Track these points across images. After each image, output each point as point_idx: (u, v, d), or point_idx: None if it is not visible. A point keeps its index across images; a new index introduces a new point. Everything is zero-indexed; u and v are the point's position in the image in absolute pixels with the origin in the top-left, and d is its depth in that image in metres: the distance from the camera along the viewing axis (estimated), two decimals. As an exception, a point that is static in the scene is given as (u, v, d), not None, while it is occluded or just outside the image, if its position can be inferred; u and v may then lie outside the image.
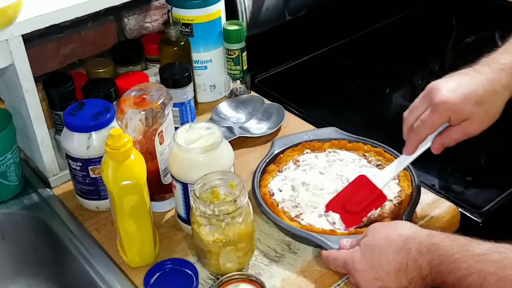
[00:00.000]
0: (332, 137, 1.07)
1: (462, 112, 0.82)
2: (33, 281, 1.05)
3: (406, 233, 0.74)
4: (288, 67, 1.41)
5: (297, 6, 1.39)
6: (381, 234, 0.77)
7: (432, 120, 0.84)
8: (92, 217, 1.00)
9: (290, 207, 0.95)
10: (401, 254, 0.72)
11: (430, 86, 0.85)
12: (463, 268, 0.66)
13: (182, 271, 0.86)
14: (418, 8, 1.59)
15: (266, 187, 0.99)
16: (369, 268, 0.76)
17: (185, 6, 1.16)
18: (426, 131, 0.86)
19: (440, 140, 0.87)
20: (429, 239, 0.71)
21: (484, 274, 0.64)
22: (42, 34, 1.11)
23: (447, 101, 0.82)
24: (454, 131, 0.85)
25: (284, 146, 1.06)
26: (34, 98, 0.97)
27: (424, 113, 0.85)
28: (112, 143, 0.81)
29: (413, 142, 0.88)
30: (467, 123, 0.83)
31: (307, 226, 0.91)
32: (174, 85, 1.06)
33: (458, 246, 0.68)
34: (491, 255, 0.65)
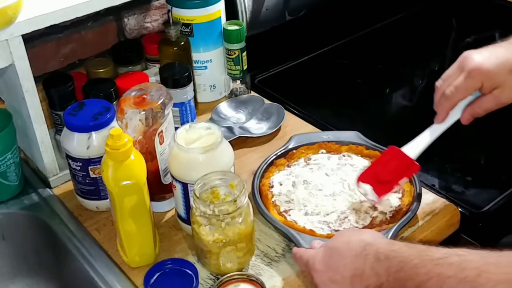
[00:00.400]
0: (352, 141, 1.06)
1: (495, 79, 0.83)
2: (33, 281, 1.05)
3: (367, 239, 0.73)
4: (288, 67, 1.41)
5: (297, 6, 1.39)
6: (344, 238, 0.76)
7: (466, 85, 0.84)
8: (92, 217, 1.00)
9: (283, 202, 0.96)
10: (359, 259, 0.71)
11: (464, 55, 0.86)
12: (422, 273, 0.65)
13: (182, 271, 0.86)
14: (418, 8, 1.59)
15: (269, 178, 1.00)
16: (326, 270, 0.75)
17: (185, 6, 1.16)
18: (458, 96, 0.86)
19: (470, 109, 0.87)
20: (388, 246, 0.70)
21: (443, 278, 0.63)
22: (42, 34, 1.11)
23: (481, 67, 0.83)
24: (485, 100, 0.86)
25: (300, 143, 1.06)
26: (34, 98, 0.97)
27: (457, 79, 0.85)
28: (112, 143, 0.81)
29: (445, 108, 0.88)
30: (499, 91, 0.84)
31: (289, 222, 0.92)
32: (174, 85, 1.06)
33: (417, 252, 0.67)
34: (450, 258, 0.64)
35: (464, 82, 0.85)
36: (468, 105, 0.88)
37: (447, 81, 0.88)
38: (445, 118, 0.90)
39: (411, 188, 0.96)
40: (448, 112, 0.89)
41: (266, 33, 1.35)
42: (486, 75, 0.83)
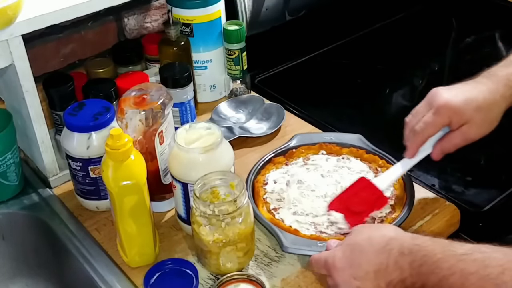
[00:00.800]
0: (354, 144, 1.05)
1: (463, 115, 0.85)
2: (33, 281, 1.05)
3: (389, 234, 0.73)
4: (288, 67, 1.41)
5: (297, 6, 1.39)
6: (364, 234, 0.76)
7: (434, 121, 0.87)
8: (92, 217, 1.00)
9: (274, 200, 0.96)
10: (382, 254, 0.71)
11: (432, 91, 0.88)
12: (445, 268, 0.65)
13: (182, 271, 0.86)
14: (418, 8, 1.59)
15: (264, 175, 1.00)
16: (348, 267, 0.74)
17: (185, 6, 1.16)
18: (428, 132, 0.88)
19: (440, 145, 0.90)
20: (411, 240, 0.70)
21: (466, 274, 0.63)
22: (42, 34, 1.11)
23: (449, 103, 0.85)
24: (453, 136, 0.88)
25: (302, 142, 1.06)
26: (34, 98, 0.97)
27: (426, 115, 0.88)
28: (112, 143, 0.81)
29: (415, 144, 0.90)
30: (467, 127, 0.86)
31: (276, 220, 0.92)
32: (174, 85, 1.06)
33: (441, 246, 0.68)
34: (473, 255, 0.64)
35: (433, 118, 0.87)
36: (438, 141, 0.90)
37: (416, 116, 0.90)
38: (415, 153, 0.91)
39: (404, 195, 0.96)
40: (418, 147, 0.91)
41: (266, 33, 1.35)
42: (453, 112, 0.85)
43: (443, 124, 0.87)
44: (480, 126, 0.87)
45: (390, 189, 0.96)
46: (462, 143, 0.88)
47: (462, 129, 0.87)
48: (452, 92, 0.87)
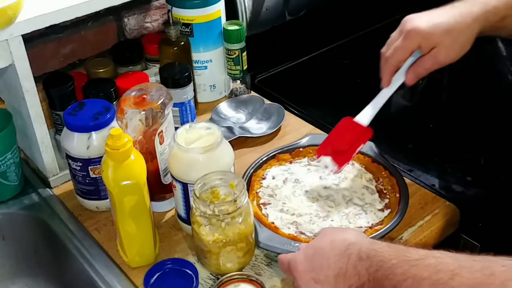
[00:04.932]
0: (362, 150, 1.01)
1: (431, 39, 0.87)
2: (33, 281, 1.05)
3: (350, 238, 0.73)
4: (288, 67, 1.41)
5: (297, 6, 1.39)
6: (328, 237, 0.76)
7: (403, 46, 0.89)
8: (92, 217, 1.00)
9: (266, 194, 0.97)
10: (342, 259, 0.71)
11: (405, 18, 0.90)
12: (399, 273, 0.65)
13: (182, 271, 0.86)
14: (418, 8, 1.59)
15: (265, 170, 1.01)
16: (309, 270, 0.74)
17: (185, 6, 1.16)
18: (398, 57, 0.90)
19: (413, 69, 0.91)
20: (369, 246, 0.70)
21: (418, 279, 0.64)
22: (42, 34, 1.11)
23: (417, 28, 0.87)
24: (425, 60, 0.89)
25: (312, 142, 1.06)
26: (34, 98, 0.97)
27: (396, 42, 0.90)
28: (112, 143, 0.81)
29: (388, 71, 0.92)
30: (436, 51, 0.88)
31: (260, 214, 0.92)
32: (174, 85, 1.06)
33: (396, 252, 0.68)
34: (427, 260, 0.65)
35: (402, 43, 0.89)
36: (411, 66, 0.91)
37: (389, 45, 0.92)
38: (389, 81, 0.93)
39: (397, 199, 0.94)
40: (391, 75, 0.92)
41: (266, 33, 1.35)
42: (422, 36, 0.87)
43: (412, 48, 0.89)
44: (449, 49, 0.87)
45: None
46: (433, 66, 0.89)
47: (432, 53, 0.88)
48: (423, 17, 0.89)
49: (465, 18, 0.87)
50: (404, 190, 0.95)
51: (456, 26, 0.87)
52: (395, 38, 0.91)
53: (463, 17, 0.87)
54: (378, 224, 0.91)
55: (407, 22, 0.89)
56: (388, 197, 0.96)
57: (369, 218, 0.93)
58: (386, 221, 0.91)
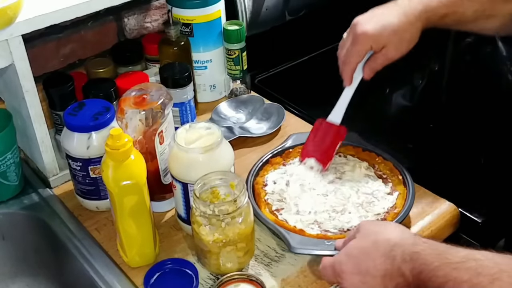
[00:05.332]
0: (350, 142, 1.06)
1: (380, 40, 0.95)
2: (33, 281, 1.05)
3: (394, 238, 0.75)
4: (288, 67, 1.41)
5: (297, 6, 1.38)
6: (370, 237, 0.77)
7: (357, 50, 0.96)
8: (92, 217, 1.00)
9: (275, 200, 0.96)
10: (387, 260, 0.73)
11: (354, 21, 0.97)
12: (441, 276, 0.68)
13: (182, 271, 0.86)
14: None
15: (263, 177, 1.01)
16: (356, 272, 0.76)
17: (185, 6, 1.16)
18: (353, 60, 0.97)
19: (368, 66, 0.98)
20: (412, 248, 0.72)
21: (459, 282, 0.66)
22: (42, 34, 1.11)
23: (366, 32, 0.94)
24: (377, 57, 0.97)
25: (298, 142, 1.06)
26: (34, 98, 0.97)
27: (349, 45, 0.97)
28: (112, 143, 0.81)
29: (347, 72, 0.99)
30: (386, 49, 0.96)
31: (280, 221, 0.92)
32: (174, 85, 1.06)
33: (438, 254, 0.70)
34: (467, 263, 0.67)
35: (355, 47, 0.96)
36: (366, 62, 0.98)
37: (342, 47, 1.00)
38: (351, 81, 1.00)
39: (404, 190, 0.96)
40: (351, 75, 1.00)
41: (266, 33, 1.35)
42: (371, 39, 0.94)
43: (365, 51, 0.96)
44: (397, 46, 0.95)
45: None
46: (386, 62, 0.97)
47: (383, 51, 0.96)
48: (369, 19, 0.96)
49: (408, 17, 0.94)
50: (403, 171, 0.99)
51: (401, 26, 0.94)
52: (347, 42, 0.98)
53: (407, 16, 0.94)
54: (393, 208, 0.94)
55: (357, 26, 0.96)
56: (390, 180, 0.99)
57: (383, 203, 0.95)
58: (398, 203, 0.94)
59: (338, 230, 0.91)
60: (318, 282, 0.86)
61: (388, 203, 0.95)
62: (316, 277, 0.87)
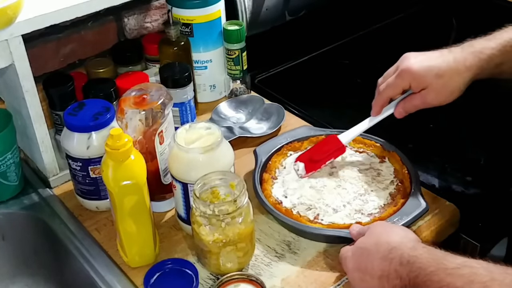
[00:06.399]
0: (308, 134, 1.08)
1: (422, 81, 0.91)
2: (33, 281, 1.05)
3: (394, 242, 0.77)
4: (288, 67, 1.41)
5: (297, 6, 1.39)
6: (373, 238, 0.80)
7: (395, 84, 0.93)
8: (92, 217, 1.00)
9: (304, 210, 0.94)
10: (385, 262, 0.75)
11: (403, 56, 0.95)
12: (435, 281, 0.69)
13: (182, 271, 0.86)
14: (418, 8, 1.59)
15: (271, 196, 0.97)
16: (356, 269, 0.80)
17: (185, 6, 1.16)
18: (387, 92, 0.95)
19: (402, 104, 0.95)
20: (410, 251, 0.74)
21: (453, 287, 0.68)
22: (42, 34, 1.11)
23: (410, 68, 0.91)
24: (414, 98, 0.94)
25: (268, 152, 1.05)
26: (34, 98, 0.97)
27: (390, 77, 0.95)
28: (112, 143, 0.81)
29: (378, 102, 0.97)
30: (426, 92, 0.92)
31: (332, 225, 0.91)
32: (174, 85, 1.06)
33: (435, 259, 0.71)
34: (462, 270, 0.68)
35: (394, 81, 0.94)
36: (401, 100, 0.96)
37: (385, 78, 0.97)
38: (378, 112, 0.98)
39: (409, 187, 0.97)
40: (380, 106, 0.98)
41: (266, 33, 1.35)
42: (413, 77, 0.91)
43: (403, 87, 0.93)
44: (438, 93, 0.91)
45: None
46: (421, 106, 0.94)
47: (422, 93, 0.92)
48: (418, 58, 0.92)
49: (458, 64, 0.90)
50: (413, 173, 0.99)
51: (448, 72, 0.90)
52: (391, 72, 0.95)
53: (456, 63, 0.90)
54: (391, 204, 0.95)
55: (404, 60, 0.93)
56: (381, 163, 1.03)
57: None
58: (398, 201, 0.95)
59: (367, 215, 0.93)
60: (318, 282, 0.86)
61: (385, 199, 0.96)
62: (317, 276, 0.87)
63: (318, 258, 0.89)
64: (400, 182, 0.98)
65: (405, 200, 0.93)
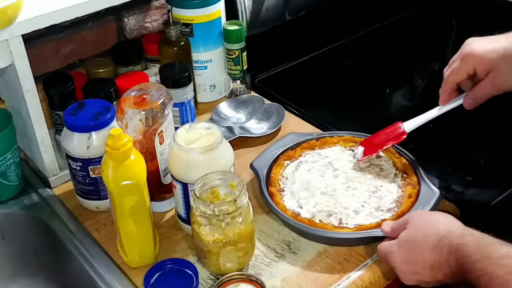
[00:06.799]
0: (298, 141, 1.07)
1: (486, 62, 0.87)
2: (33, 281, 1.05)
3: (442, 231, 0.77)
4: (288, 67, 1.41)
5: (297, 6, 1.39)
6: (420, 230, 0.80)
7: (459, 68, 0.90)
8: (92, 217, 1.00)
9: (326, 217, 0.93)
10: (435, 252, 0.76)
11: (467, 40, 0.91)
12: (478, 269, 0.70)
13: (182, 271, 0.86)
14: (418, 8, 1.59)
15: (287, 210, 0.94)
16: (406, 263, 0.80)
17: (185, 6, 1.16)
18: (452, 78, 0.91)
19: (471, 93, 0.92)
20: (459, 239, 0.75)
21: (493, 277, 0.69)
22: (42, 34, 1.11)
23: (472, 51, 0.88)
24: (482, 84, 0.89)
25: (267, 165, 1.02)
26: (34, 98, 0.97)
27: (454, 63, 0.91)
28: (112, 143, 0.81)
29: (444, 89, 0.94)
30: (493, 75, 0.87)
31: (361, 227, 0.90)
32: (174, 85, 1.06)
33: (480, 248, 0.72)
34: (505, 260, 0.69)
35: (458, 65, 0.90)
36: (469, 91, 0.92)
37: (449, 65, 0.93)
38: (445, 100, 0.95)
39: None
40: (447, 93, 0.94)
41: (266, 33, 1.35)
42: (476, 59, 0.88)
43: (467, 71, 0.89)
44: (506, 74, 0.87)
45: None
46: (491, 91, 0.89)
47: (489, 77, 0.88)
48: (482, 41, 0.89)
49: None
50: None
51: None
52: (455, 59, 0.92)
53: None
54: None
55: (466, 45, 0.90)
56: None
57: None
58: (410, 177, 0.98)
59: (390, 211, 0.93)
60: (318, 282, 0.86)
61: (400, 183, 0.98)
62: (317, 276, 0.87)
63: (318, 258, 0.89)
64: (404, 173, 0.99)
65: (416, 189, 0.95)
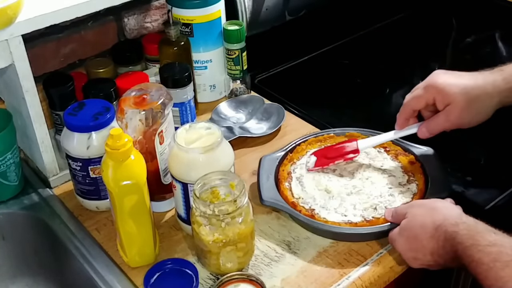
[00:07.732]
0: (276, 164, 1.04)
1: (446, 95, 0.89)
2: (33, 281, 1.05)
3: (438, 220, 0.81)
4: (288, 67, 1.41)
5: (297, 6, 1.39)
6: (418, 220, 0.84)
7: (419, 96, 0.93)
8: (92, 217, 1.00)
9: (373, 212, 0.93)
10: (433, 240, 0.80)
11: (434, 71, 0.94)
12: (468, 255, 0.75)
13: (182, 271, 0.86)
14: (418, 8, 1.59)
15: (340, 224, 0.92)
16: (407, 249, 0.84)
17: (185, 6, 1.16)
18: (411, 104, 0.95)
19: (426, 123, 0.95)
20: (453, 228, 0.78)
21: (480, 264, 0.73)
22: (42, 34, 1.11)
23: (436, 82, 0.91)
24: (438, 116, 0.92)
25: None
26: (34, 98, 0.97)
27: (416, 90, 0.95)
28: (112, 143, 0.81)
29: (401, 114, 0.97)
30: (450, 108, 0.90)
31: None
32: (174, 85, 1.06)
33: (471, 236, 0.76)
34: (491, 248, 0.73)
35: (419, 93, 0.93)
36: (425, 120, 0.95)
37: (412, 92, 0.96)
38: (401, 124, 0.98)
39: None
40: (404, 118, 0.97)
41: (266, 33, 1.35)
42: (437, 90, 0.90)
43: (426, 100, 0.92)
44: (462, 110, 0.89)
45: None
46: (444, 124, 0.92)
47: (446, 109, 0.90)
48: (447, 74, 0.92)
49: (486, 84, 0.88)
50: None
51: (474, 90, 0.88)
52: (418, 87, 0.94)
53: (485, 83, 0.89)
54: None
55: (432, 75, 0.92)
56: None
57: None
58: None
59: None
60: (318, 282, 0.86)
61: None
62: (317, 276, 0.87)
63: (318, 258, 0.89)
64: (406, 168, 1.00)
65: (422, 181, 0.97)
